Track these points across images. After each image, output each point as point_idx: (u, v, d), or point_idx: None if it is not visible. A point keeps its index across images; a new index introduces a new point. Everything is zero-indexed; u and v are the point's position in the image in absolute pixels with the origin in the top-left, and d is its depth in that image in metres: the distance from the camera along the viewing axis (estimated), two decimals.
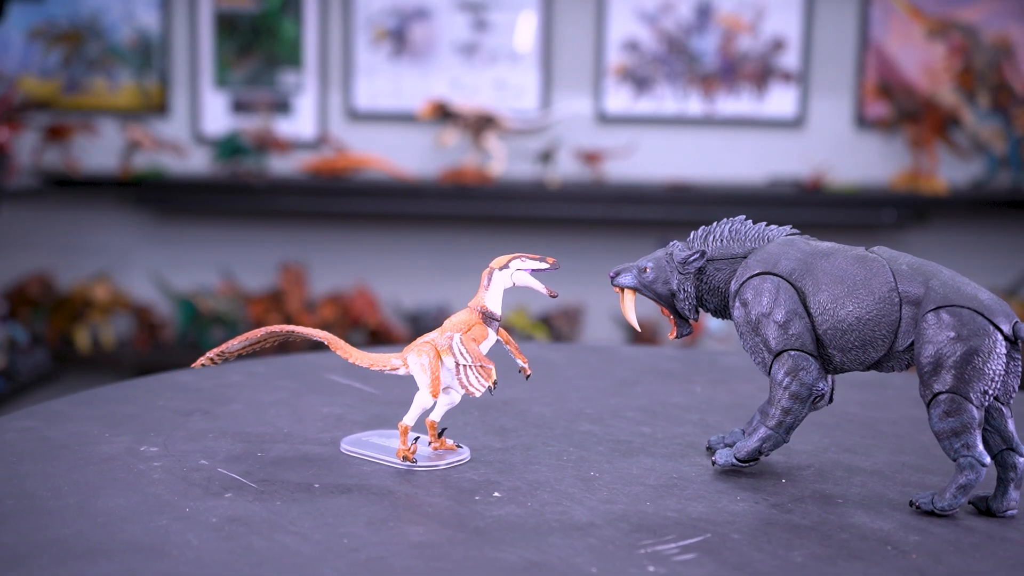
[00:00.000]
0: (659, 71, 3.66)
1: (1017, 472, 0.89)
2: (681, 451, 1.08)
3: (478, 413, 1.21)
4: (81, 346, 3.63)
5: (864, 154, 3.65)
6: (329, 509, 0.90)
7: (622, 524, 0.87)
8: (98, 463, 1.01)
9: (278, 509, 0.89)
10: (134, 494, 0.93)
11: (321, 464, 1.02)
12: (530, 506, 0.91)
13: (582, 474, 1.00)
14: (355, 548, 0.81)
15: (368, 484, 0.96)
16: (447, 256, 3.76)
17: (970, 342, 0.87)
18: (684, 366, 1.50)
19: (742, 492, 0.95)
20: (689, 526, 0.87)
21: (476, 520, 0.88)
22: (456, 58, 3.68)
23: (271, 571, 0.77)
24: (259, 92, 3.71)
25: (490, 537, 0.84)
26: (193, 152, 3.72)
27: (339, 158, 3.54)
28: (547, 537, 0.84)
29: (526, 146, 3.63)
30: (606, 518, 0.88)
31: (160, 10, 3.71)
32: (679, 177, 3.60)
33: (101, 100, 3.75)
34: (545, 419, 1.19)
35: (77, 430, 1.11)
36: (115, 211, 3.79)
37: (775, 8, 3.61)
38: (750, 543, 0.84)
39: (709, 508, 0.91)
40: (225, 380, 1.33)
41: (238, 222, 3.78)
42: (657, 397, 1.31)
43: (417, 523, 0.88)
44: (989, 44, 3.50)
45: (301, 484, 0.96)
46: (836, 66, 3.64)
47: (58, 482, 0.95)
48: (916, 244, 3.69)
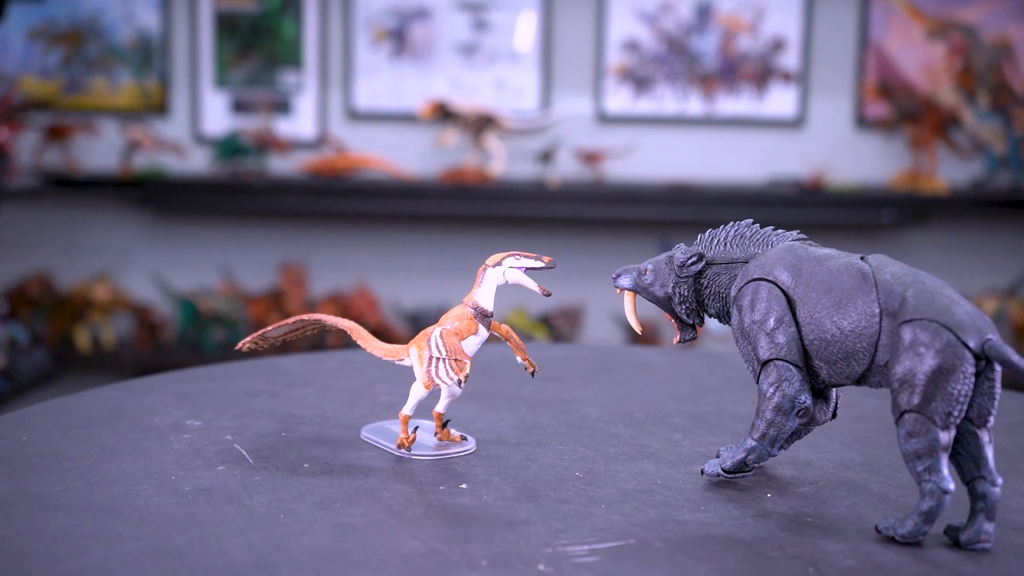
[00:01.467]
0: (659, 71, 3.66)
1: (988, 502, 0.83)
2: (691, 459, 1.05)
3: (525, 409, 1.22)
4: (81, 346, 3.63)
5: (864, 154, 3.65)
6: (296, 486, 0.93)
7: (555, 523, 0.86)
8: (139, 432, 1.09)
9: (252, 483, 0.94)
10: (143, 461, 1.00)
11: (328, 446, 1.06)
12: (484, 499, 0.92)
13: (565, 474, 0.99)
14: (284, 524, 0.85)
15: (354, 466, 0.99)
16: (447, 256, 3.76)
17: (936, 359, 0.81)
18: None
19: (714, 503, 0.92)
20: (620, 531, 0.85)
21: (417, 507, 0.90)
22: (456, 58, 3.68)
23: (187, 537, 0.81)
24: (259, 92, 3.71)
25: (415, 524, 0.86)
26: (193, 152, 3.72)
27: (339, 158, 3.54)
28: (469, 528, 0.85)
29: (526, 146, 3.63)
30: (547, 517, 0.88)
31: (160, 10, 3.71)
32: (679, 177, 3.60)
33: (101, 100, 3.75)
34: (585, 420, 1.19)
35: (150, 402, 1.20)
36: (115, 211, 3.79)
37: (775, 8, 3.61)
38: (665, 553, 0.81)
39: (660, 516, 0.89)
40: (321, 366, 1.40)
41: (238, 222, 3.78)
42: (722, 406, 1.27)
43: (361, 505, 0.90)
44: (989, 44, 3.50)
45: (293, 462, 1.00)
46: (836, 66, 3.64)
47: (90, 445, 1.04)
48: (916, 244, 3.70)
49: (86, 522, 0.84)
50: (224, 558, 0.78)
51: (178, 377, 1.34)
